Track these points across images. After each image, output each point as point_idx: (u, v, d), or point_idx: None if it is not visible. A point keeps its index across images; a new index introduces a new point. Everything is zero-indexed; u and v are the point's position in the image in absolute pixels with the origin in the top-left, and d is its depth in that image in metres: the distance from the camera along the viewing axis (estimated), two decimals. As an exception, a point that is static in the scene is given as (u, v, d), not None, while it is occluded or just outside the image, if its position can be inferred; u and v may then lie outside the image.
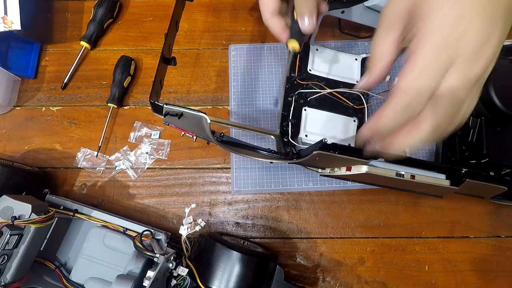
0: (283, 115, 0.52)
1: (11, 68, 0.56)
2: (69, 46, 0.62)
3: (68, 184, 0.55)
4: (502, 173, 0.45)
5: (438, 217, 0.53)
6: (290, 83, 0.54)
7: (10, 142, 0.56)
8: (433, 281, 0.50)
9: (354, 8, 0.51)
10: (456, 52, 0.24)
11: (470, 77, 0.25)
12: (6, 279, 0.39)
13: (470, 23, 0.23)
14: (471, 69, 0.24)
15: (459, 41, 0.24)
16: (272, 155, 0.42)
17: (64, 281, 0.45)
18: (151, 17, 0.63)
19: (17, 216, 0.39)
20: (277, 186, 0.54)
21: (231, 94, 0.58)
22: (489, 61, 0.24)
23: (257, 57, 0.60)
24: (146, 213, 0.53)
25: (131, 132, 0.57)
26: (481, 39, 0.24)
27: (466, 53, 0.24)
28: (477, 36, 0.24)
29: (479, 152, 0.46)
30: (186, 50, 0.61)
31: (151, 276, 0.38)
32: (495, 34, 0.24)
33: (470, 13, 0.23)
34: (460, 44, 0.24)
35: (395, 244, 0.52)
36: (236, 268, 0.41)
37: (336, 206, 0.53)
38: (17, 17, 0.52)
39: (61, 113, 0.58)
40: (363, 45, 0.60)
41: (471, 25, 0.23)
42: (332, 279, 0.51)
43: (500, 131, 0.46)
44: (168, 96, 0.58)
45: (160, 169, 0.55)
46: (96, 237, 0.46)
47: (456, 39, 0.24)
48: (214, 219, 0.53)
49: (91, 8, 0.60)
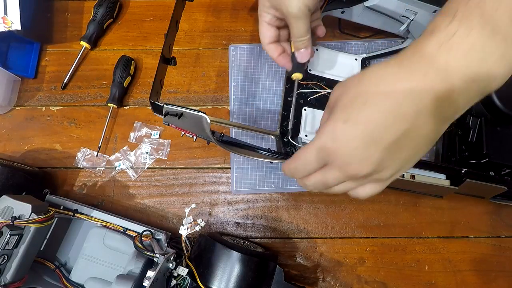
0: (283, 115, 0.52)
1: (11, 68, 0.56)
2: (69, 46, 0.62)
3: (68, 184, 0.55)
4: (502, 173, 0.45)
5: (438, 217, 0.53)
6: (290, 83, 0.54)
7: (10, 142, 0.56)
8: (433, 281, 0.50)
9: (354, 8, 0.51)
10: (332, 156, 0.29)
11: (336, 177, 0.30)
12: (6, 279, 0.39)
13: (351, 147, 0.28)
14: (343, 171, 0.29)
15: (336, 152, 0.28)
16: (272, 155, 0.42)
17: (64, 281, 0.45)
18: (151, 17, 0.63)
19: (17, 216, 0.39)
20: (277, 186, 0.54)
21: (231, 94, 0.58)
22: (370, 171, 0.28)
23: (257, 57, 0.60)
24: (146, 213, 0.53)
25: (131, 132, 0.57)
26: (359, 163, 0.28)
27: (339, 161, 0.28)
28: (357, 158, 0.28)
29: (479, 152, 0.46)
30: (186, 50, 0.61)
31: (151, 276, 0.38)
32: (372, 160, 0.28)
33: (356, 139, 0.27)
34: (337, 152, 0.28)
35: (395, 244, 0.52)
36: (236, 268, 0.41)
37: (336, 206, 0.53)
38: (17, 17, 0.52)
39: (61, 113, 0.58)
40: (363, 45, 0.60)
41: (354, 148, 0.27)
42: (332, 279, 0.51)
43: (500, 131, 0.46)
44: (168, 96, 0.58)
45: (160, 169, 0.55)
46: (96, 237, 0.46)
47: (332, 151, 0.28)
48: (214, 219, 0.53)
49: (91, 8, 0.60)
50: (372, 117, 0.26)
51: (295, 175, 0.34)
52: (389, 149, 0.27)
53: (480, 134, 0.46)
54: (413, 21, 0.51)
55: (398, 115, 0.26)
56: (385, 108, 0.26)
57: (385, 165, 0.28)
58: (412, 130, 0.26)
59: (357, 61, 0.57)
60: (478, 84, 0.25)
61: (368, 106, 0.27)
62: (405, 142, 0.27)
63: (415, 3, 0.49)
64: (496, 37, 0.24)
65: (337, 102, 0.29)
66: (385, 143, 0.27)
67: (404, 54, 0.27)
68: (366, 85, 0.27)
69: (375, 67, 0.28)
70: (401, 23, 0.53)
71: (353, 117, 0.27)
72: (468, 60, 0.24)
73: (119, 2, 0.62)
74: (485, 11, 0.24)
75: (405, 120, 0.26)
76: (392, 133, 0.26)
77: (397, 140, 0.26)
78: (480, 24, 0.24)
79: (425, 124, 0.26)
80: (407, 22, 0.52)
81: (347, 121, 0.27)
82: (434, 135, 0.27)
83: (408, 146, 0.27)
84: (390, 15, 0.51)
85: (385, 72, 0.27)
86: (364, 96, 0.27)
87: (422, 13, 0.50)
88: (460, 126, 0.49)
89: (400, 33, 0.54)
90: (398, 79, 0.26)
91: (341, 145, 0.28)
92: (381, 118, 0.26)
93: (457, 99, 0.25)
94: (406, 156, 0.28)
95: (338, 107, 0.29)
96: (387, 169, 0.28)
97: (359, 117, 0.27)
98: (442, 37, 0.25)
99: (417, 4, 0.49)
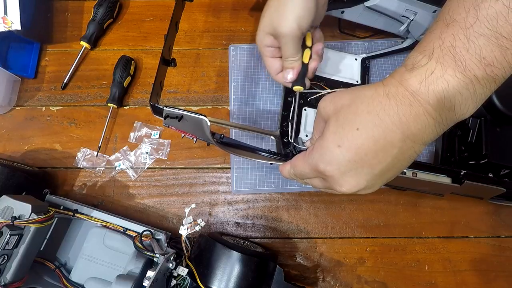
0: (283, 115, 0.52)
1: (11, 68, 0.56)
2: (69, 46, 0.62)
3: (68, 184, 0.55)
4: (501, 173, 0.45)
5: (438, 217, 0.53)
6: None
7: (10, 142, 0.56)
8: (433, 281, 0.51)
9: (354, 8, 0.51)
10: (325, 176, 0.32)
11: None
12: (6, 279, 0.39)
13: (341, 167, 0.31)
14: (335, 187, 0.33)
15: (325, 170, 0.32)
16: (272, 156, 0.42)
17: (64, 281, 0.45)
18: (151, 17, 0.63)
19: (17, 216, 0.39)
20: (277, 186, 0.54)
21: (231, 94, 0.58)
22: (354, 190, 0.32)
23: (257, 57, 0.60)
24: (146, 213, 0.54)
25: (131, 132, 0.57)
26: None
27: (331, 181, 0.32)
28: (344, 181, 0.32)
29: (478, 152, 0.46)
30: (186, 50, 0.61)
31: (151, 276, 0.38)
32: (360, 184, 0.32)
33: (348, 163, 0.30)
34: (329, 174, 0.32)
35: (395, 244, 0.52)
36: (236, 268, 0.41)
37: (336, 206, 0.53)
38: (17, 17, 0.52)
39: (61, 113, 0.58)
40: (363, 45, 0.60)
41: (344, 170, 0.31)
42: (332, 279, 0.51)
43: (500, 132, 0.46)
44: (168, 96, 0.58)
45: (160, 169, 0.55)
46: (96, 237, 0.46)
47: (325, 173, 0.32)
48: (214, 219, 0.53)
49: (91, 8, 0.60)
50: (364, 144, 0.29)
51: (293, 179, 0.38)
52: (379, 173, 0.31)
53: (479, 134, 0.46)
54: (413, 21, 0.51)
55: (388, 141, 0.29)
56: (376, 135, 0.29)
57: (373, 184, 0.32)
58: (399, 153, 0.30)
59: (357, 61, 0.57)
60: (452, 115, 0.29)
61: (360, 132, 0.29)
62: (392, 164, 0.30)
63: (415, 3, 0.49)
64: (466, 77, 0.27)
65: (329, 121, 0.32)
66: (375, 167, 0.30)
67: (389, 82, 0.30)
68: (358, 111, 0.30)
69: (366, 90, 0.31)
70: (401, 23, 0.53)
71: (346, 143, 0.30)
72: (444, 95, 0.27)
73: (119, 2, 0.62)
74: (456, 53, 0.27)
75: (394, 146, 0.29)
76: (381, 158, 0.30)
77: (386, 164, 0.30)
78: (453, 65, 0.27)
79: (410, 148, 0.30)
80: (407, 22, 0.52)
81: (340, 146, 0.30)
82: (415, 155, 0.31)
83: (395, 166, 0.31)
84: (390, 15, 0.51)
85: (375, 99, 0.30)
86: (355, 122, 0.30)
87: (422, 13, 0.50)
88: (459, 126, 0.49)
89: (400, 33, 0.54)
90: (387, 110, 0.29)
91: (333, 168, 0.31)
92: (372, 145, 0.29)
93: (436, 127, 0.29)
94: (391, 174, 0.32)
95: (330, 128, 0.31)
96: (374, 186, 0.32)
97: (351, 143, 0.30)
98: (423, 74, 0.28)
99: (417, 4, 0.49)
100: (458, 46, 0.27)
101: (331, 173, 0.31)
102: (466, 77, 0.27)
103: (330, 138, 0.31)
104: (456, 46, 0.27)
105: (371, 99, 0.30)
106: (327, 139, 0.31)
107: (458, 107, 0.28)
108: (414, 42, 0.56)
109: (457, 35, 0.27)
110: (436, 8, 0.49)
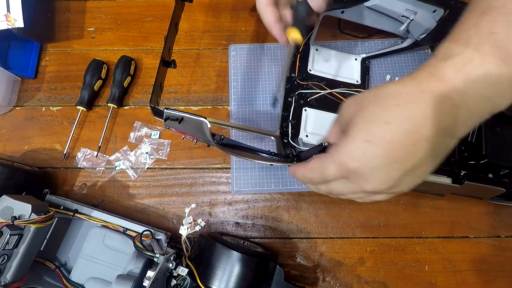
0: (283, 115, 0.52)
1: (11, 68, 0.56)
2: (69, 46, 0.62)
3: (68, 184, 0.55)
4: (501, 173, 0.45)
5: (438, 217, 0.53)
6: (290, 83, 0.54)
7: (10, 142, 0.56)
8: (433, 281, 0.50)
9: (354, 8, 0.51)
10: (351, 173, 0.30)
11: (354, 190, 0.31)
12: (6, 279, 0.39)
13: (369, 165, 0.28)
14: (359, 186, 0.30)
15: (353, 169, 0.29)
16: (272, 157, 0.42)
17: (64, 281, 0.45)
18: (151, 17, 0.63)
19: (17, 216, 0.39)
20: (277, 186, 0.54)
21: (231, 94, 0.58)
22: (382, 187, 0.30)
23: (257, 57, 0.60)
24: (146, 213, 0.54)
25: (131, 132, 0.57)
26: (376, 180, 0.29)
27: (357, 179, 0.30)
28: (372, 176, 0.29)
29: (478, 152, 0.46)
30: (186, 50, 0.61)
31: (151, 276, 0.38)
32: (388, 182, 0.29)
33: (374, 160, 0.28)
34: (357, 171, 0.29)
35: (395, 244, 0.52)
36: (236, 268, 0.41)
37: (336, 206, 0.53)
38: (19, 14, 0.52)
39: (61, 113, 0.58)
40: (363, 45, 0.60)
41: (370, 168, 0.28)
42: (332, 279, 0.51)
43: (500, 132, 0.46)
44: (168, 96, 0.58)
45: (160, 169, 0.55)
46: (96, 237, 0.46)
47: (352, 169, 0.29)
48: (214, 219, 0.53)
49: (92, 8, 0.60)
50: (394, 138, 0.27)
51: (308, 183, 0.35)
52: (410, 168, 0.28)
53: (479, 135, 0.46)
54: (413, 21, 0.51)
55: (419, 135, 0.27)
56: (407, 129, 0.27)
57: (402, 182, 0.29)
58: (431, 148, 0.27)
59: (357, 61, 0.57)
60: (490, 106, 0.27)
61: (389, 126, 0.27)
62: (424, 159, 0.28)
63: (415, 3, 0.49)
64: (508, 65, 0.25)
65: (354, 119, 0.30)
66: (406, 163, 0.28)
67: (419, 75, 0.28)
68: (386, 104, 0.28)
69: (393, 85, 0.29)
70: (401, 23, 0.53)
71: (375, 137, 0.28)
72: (483, 85, 0.26)
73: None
74: (497, 39, 0.25)
75: (425, 140, 0.27)
76: (412, 153, 0.27)
77: (418, 159, 0.28)
78: (493, 52, 0.25)
79: (442, 142, 0.28)
80: (407, 22, 0.52)
81: (369, 141, 0.28)
82: (448, 150, 0.29)
83: (427, 162, 0.28)
84: (390, 15, 0.51)
85: (404, 92, 0.28)
86: (384, 115, 0.28)
87: (422, 13, 0.50)
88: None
89: (400, 33, 0.54)
90: (418, 102, 0.27)
91: (362, 164, 0.29)
92: (403, 139, 0.27)
93: (471, 119, 0.27)
94: (424, 170, 0.29)
95: (357, 125, 0.29)
96: (403, 185, 0.30)
97: (381, 137, 0.28)
98: (458, 64, 0.26)
99: (417, 4, 0.49)
100: (498, 32, 0.25)
101: (359, 170, 0.29)
102: (508, 65, 0.25)
103: (357, 135, 0.29)
104: (497, 32, 0.25)
105: (400, 93, 0.28)
106: (354, 136, 0.29)
107: (497, 98, 0.26)
108: (414, 42, 0.56)
109: (497, 22, 0.25)
110: (436, 8, 0.49)
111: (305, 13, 0.37)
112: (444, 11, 0.49)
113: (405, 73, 0.58)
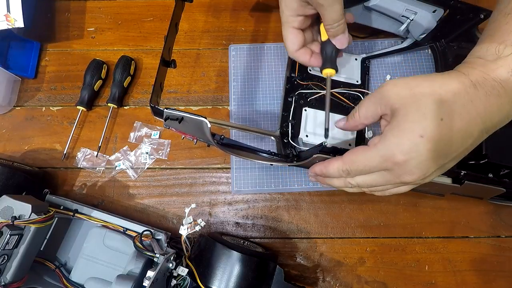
0: (283, 115, 0.52)
1: (11, 68, 0.56)
2: (69, 46, 0.62)
3: (68, 184, 0.55)
4: (501, 173, 0.45)
5: (438, 217, 0.53)
6: (290, 83, 0.54)
7: (10, 142, 0.56)
8: (433, 281, 0.51)
9: (354, 8, 0.51)
10: (396, 165, 0.30)
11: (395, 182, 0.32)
12: (6, 279, 0.39)
13: (414, 159, 0.29)
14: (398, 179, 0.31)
15: (397, 163, 0.30)
16: (273, 157, 0.42)
17: (64, 281, 0.45)
18: (151, 17, 0.63)
19: (17, 216, 0.39)
20: (277, 186, 0.54)
21: (231, 94, 0.58)
22: (422, 179, 0.31)
23: (257, 57, 0.60)
24: (146, 213, 0.54)
25: (131, 132, 0.57)
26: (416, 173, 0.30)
27: (401, 170, 0.30)
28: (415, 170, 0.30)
29: (478, 152, 0.46)
30: (186, 50, 0.61)
31: (151, 276, 0.38)
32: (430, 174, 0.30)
33: (422, 156, 0.29)
34: (405, 163, 0.30)
35: (395, 244, 0.52)
36: (236, 268, 0.41)
37: (336, 206, 0.53)
38: (19, 14, 0.52)
39: (61, 113, 0.58)
40: (363, 45, 0.60)
41: (416, 161, 0.29)
42: (332, 279, 0.51)
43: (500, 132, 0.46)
44: (168, 96, 0.59)
45: (160, 169, 0.55)
46: (96, 237, 0.46)
47: (400, 162, 0.30)
48: (214, 219, 0.53)
49: (92, 8, 0.60)
50: (447, 134, 0.29)
51: (341, 177, 0.35)
52: (449, 161, 0.30)
53: (480, 134, 0.46)
54: (413, 21, 0.51)
55: (468, 132, 0.29)
56: (459, 126, 0.28)
57: (433, 174, 0.31)
58: (473, 143, 0.29)
59: (357, 61, 0.57)
60: None
61: (444, 123, 0.28)
62: (463, 153, 0.30)
63: (415, 3, 0.49)
64: None
65: (406, 108, 0.30)
66: (448, 156, 0.30)
67: (473, 73, 0.29)
68: (442, 100, 0.29)
69: (447, 79, 0.30)
70: (401, 23, 0.53)
71: (429, 133, 0.29)
72: None
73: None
74: None
75: (472, 136, 0.29)
76: (457, 148, 0.29)
77: (459, 153, 0.30)
78: None
79: (483, 137, 0.30)
80: (407, 22, 0.52)
81: (422, 136, 0.29)
82: (478, 143, 0.31)
83: (459, 157, 0.30)
84: (390, 15, 0.51)
85: (462, 91, 0.29)
86: (440, 112, 0.29)
87: (422, 13, 0.50)
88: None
89: (400, 33, 0.54)
90: (474, 101, 0.28)
91: (410, 158, 0.29)
92: (454, 135, 0.29)
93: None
94: (452, 164, 0.31)
95: (410, 116, 0.29)
96: (432, 175, 0.31)
97: (435, 133, 0.29)
98: (511, 64, 0.28)
99: (417, 4, 0.49)
100: None
101: (406, 163, 0.30)
102: None
103: (411, 127, 0.29)
104: None
105: (458, 89, 0.29)
106: (407, 128, 0.29)
107: None
108: (414, 42, 0.56)
109: None
110: (436, 8, 0.49)
111: (331, 53, 0.40)
112: (444, 11, 0.49)
113: (405, 73, 0.58)
